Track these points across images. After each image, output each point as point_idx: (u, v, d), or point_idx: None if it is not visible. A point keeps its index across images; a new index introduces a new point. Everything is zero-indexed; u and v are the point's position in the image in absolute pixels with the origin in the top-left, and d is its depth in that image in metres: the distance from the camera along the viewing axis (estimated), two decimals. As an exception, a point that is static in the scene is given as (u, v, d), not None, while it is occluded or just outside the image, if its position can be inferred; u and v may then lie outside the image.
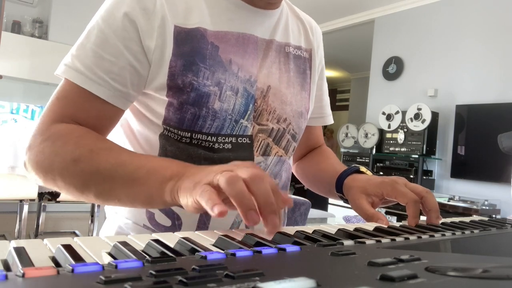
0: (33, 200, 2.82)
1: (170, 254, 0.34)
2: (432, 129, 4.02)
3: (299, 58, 0.84)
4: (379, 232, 0.53)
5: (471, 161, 3.83)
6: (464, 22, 4.03)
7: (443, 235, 0.53)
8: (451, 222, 0.67)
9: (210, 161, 0.72)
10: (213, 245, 0.42)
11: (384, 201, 0.75)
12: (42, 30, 5.04)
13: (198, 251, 0.36)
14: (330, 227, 0.55)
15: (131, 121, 0.77)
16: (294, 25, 0.86)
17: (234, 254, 0.34)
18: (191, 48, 0.69)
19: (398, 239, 0.47)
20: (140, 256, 0.33)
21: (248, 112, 0.75)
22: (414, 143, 4.04)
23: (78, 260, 0.31)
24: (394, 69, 4.62)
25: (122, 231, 0.78)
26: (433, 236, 0.52)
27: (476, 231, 0.58)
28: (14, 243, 0.36)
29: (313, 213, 3.27)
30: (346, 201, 0.80)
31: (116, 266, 0.29)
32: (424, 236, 0.51)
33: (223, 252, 0.35)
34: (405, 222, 0.66)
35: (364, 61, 5.73)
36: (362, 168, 0.82)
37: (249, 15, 0.76)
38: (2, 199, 2.65)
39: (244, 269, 0.27)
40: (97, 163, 0.60)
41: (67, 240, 0.38)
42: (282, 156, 0.81)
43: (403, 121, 4.12)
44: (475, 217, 0.81)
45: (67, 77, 0.66)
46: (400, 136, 4.14)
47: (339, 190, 0.81)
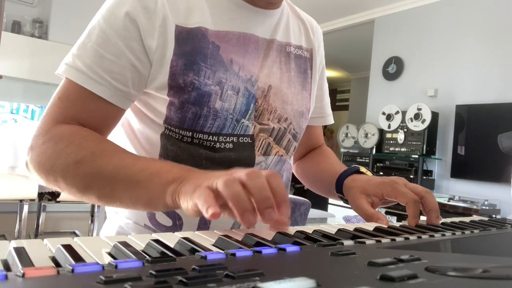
0: (33, 200, 2.82)
1: (170, 254, 0.34)
2: (432, 129, 4.01)
3: (300, 58, 0.84)
4: (379, 232, 0.53)
5: (471, 161, 3.83)
6: (464, 22, 4.03)
7: (443, 235, 0.53)
8: (451, 222, 0.67)
9: (211, 161, 0.72)
10: (213, 245, 0.42)
11: (384, 201, 0.75)
12: (42, 30, 5.03)
13: (198, 251, 0.36)
14: (330, 227, 0.55)
15: (132, 121, 0.77)
16: (295, 25, 0.86)
17: (234, 254, 0.34)
18: (192, 48, 0.69)
19: (398, 239, 0.47)
20: (140, 256, 0.33)
21: (249, 112, 0.75)
22: (414, 143, 4.04)
23: (78, 260, 0.31)
24: (394, 69, 4.62)
25: (123, 231, 0.78)
26: (433, 236, 0.52)
27: (476, 231, 0.58)
28: (14, 243, 0.36)
29: (313, 213, 3.27)
30: (346, 201, 0.80)
31: (116, 266, 0.29)
32: (424, 236, 0.51)
33: (223, 252, 0.35)
34: (405, 222, 0.66)
35: (364, 61, 5.73)
36: (362, 169, 0.82)
37: (250, 15, 0.76)
38: (2, 199, 2.65)
39: (244, 269, 0.27)
40: (99, 165, 0.60)
41: (67, 240, 0.38)
42: (283, 156, 0.81)
43: (403, 121, 4.12)
44: (475, 217, 0.81)
45: (68, 77, 0.66)
46: (400, 136, 4.14)
47: (339, 191, 0.82)
